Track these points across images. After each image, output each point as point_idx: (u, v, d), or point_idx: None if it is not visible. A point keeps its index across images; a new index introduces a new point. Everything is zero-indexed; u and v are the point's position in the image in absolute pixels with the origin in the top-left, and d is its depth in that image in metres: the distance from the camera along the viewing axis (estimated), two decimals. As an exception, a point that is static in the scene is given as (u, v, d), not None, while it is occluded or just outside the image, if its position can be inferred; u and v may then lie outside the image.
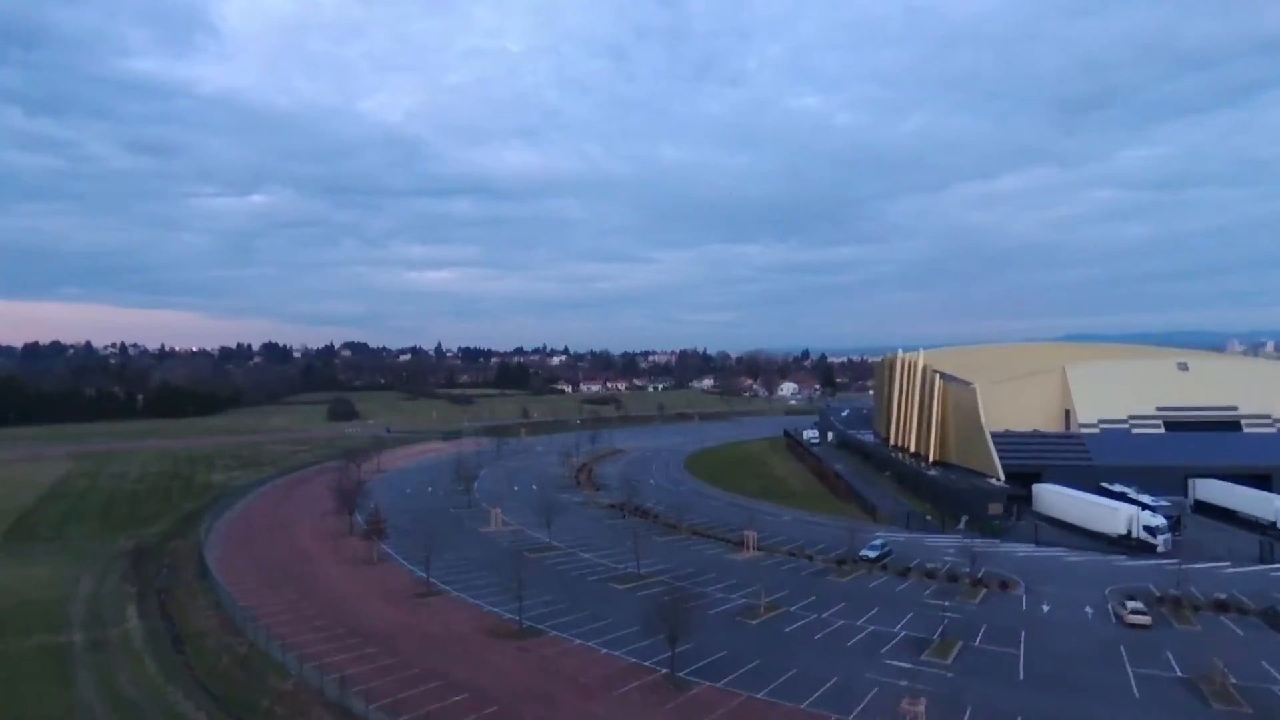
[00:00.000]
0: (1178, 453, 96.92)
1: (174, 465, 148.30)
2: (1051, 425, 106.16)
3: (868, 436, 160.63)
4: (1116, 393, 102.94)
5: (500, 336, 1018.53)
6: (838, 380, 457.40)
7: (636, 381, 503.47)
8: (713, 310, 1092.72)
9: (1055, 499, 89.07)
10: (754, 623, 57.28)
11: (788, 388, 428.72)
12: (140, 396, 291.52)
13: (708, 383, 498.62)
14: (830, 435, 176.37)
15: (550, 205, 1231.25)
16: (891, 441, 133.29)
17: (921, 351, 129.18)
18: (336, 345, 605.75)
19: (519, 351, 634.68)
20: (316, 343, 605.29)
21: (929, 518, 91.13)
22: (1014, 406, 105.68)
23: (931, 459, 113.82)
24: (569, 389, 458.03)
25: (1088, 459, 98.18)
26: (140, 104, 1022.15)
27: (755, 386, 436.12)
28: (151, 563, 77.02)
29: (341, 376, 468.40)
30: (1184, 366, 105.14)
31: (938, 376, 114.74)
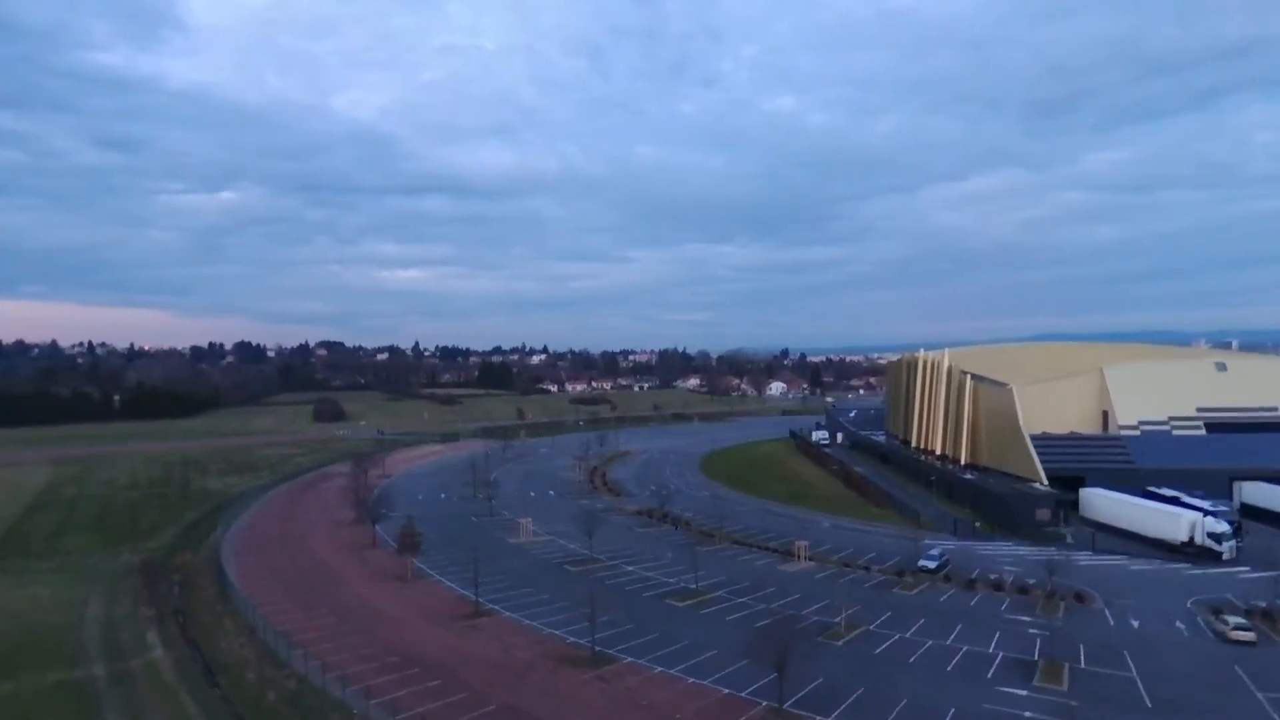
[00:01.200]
0: (1221, 455, 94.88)
1: (165, 471, 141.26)
2: (1088, 427, 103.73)
3: (878, 437, 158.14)
4: (1155, 394, 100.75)
5: (476, 336, 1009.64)
6: (825, 380, 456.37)
7: (622, 381, 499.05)
8: (690, 310, 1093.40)
9: (1107, 504, 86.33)
10: (839, 644, 53.37)
11: (776, 387, 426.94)
12: (116, 397, 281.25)
13: (692, 382, 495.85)
14: (839, 436, 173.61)
15: (526, 204, 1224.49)
16: (914, 443, 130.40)
17: (946, 352, 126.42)
18: (311, 344, 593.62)
19: (498, 350, 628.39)
20: (290, 341, 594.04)
21: (978, 524, 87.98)
22: (1049, 408, 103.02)
23: (963, 462, 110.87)
24: (555, 389, 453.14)
25: (1130, 462, 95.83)
26: (106, 98, 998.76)
27: (743, 386, 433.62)
28: (161, 580, 71.39)
29: (319, 376, 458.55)
30: (1222, 367, 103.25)
31: (968, 377, 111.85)
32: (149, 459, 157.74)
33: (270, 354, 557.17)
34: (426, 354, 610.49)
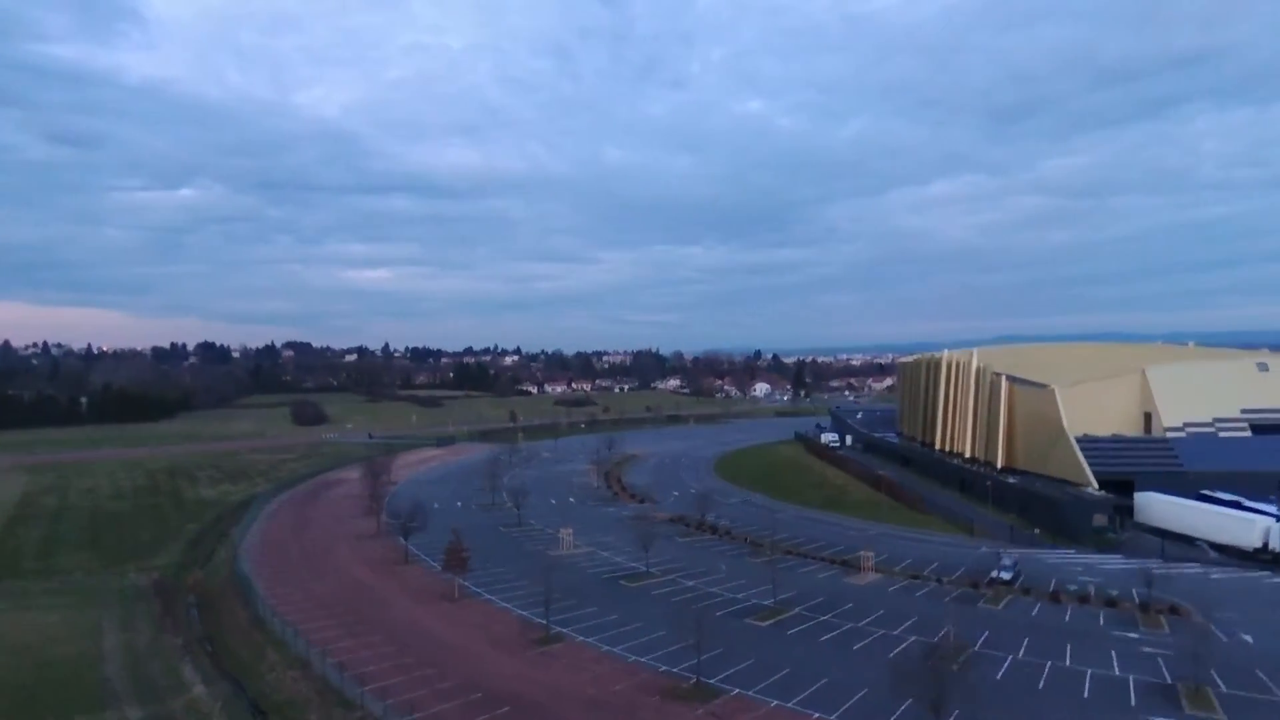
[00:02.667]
0: (1269, 457, 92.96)
1: (150, 479, 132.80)
2: (1130, 429, 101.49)
3: (891, 439, 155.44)
4: (1199, 395, 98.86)
5: (445, 336, 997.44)
6: (806, 381, 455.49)
7: (601, 382, 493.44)
8: (657, 311, 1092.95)
9: (1169, 509, 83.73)
10: (953, 668, 49.10)
11: (760, 389, 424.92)
12: (84, 400, 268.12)
13: (672, 384, 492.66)
14: (848, 439, 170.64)
15: (492, 204, 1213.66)
16: (938, 446, 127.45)
17: (973, 352, 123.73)
18: (277, 345, 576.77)
19: (469, 351, 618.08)
20: (254, 342, 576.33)
21: (1036, 531, 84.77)
22: (1090, 410, 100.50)
23: (999, 465, 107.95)
24: (535, 390, 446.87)
25: (1178, 465, 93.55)
26: (60, 92, 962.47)
27: (726, 387, 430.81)
28: (176, 603, 64.86)
29: (289, 378, 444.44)
30: (1264, 367, 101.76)
31: (1004, 379, 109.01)
32: (129, 466, 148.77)
33: (235, 355, 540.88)
34: (396, 355, 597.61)
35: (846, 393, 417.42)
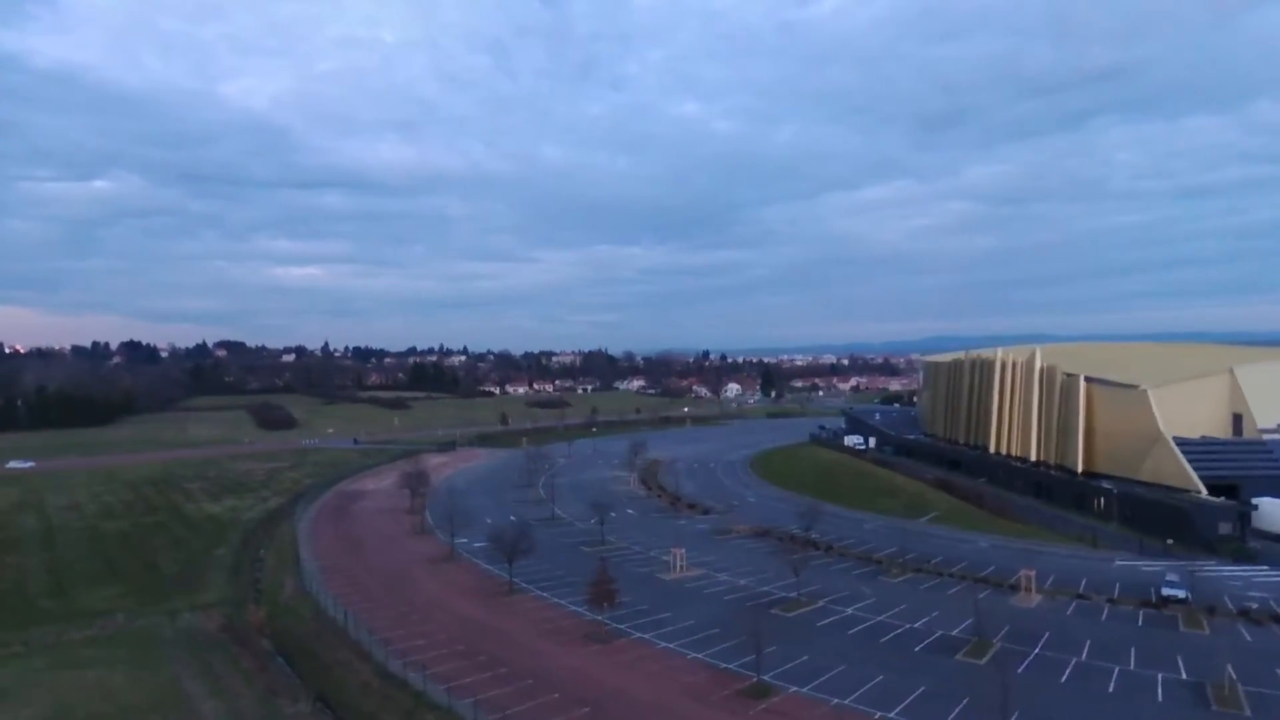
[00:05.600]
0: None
1: (134, 493, 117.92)
2: (1217, 431, 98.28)
3: (924, 441, 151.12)
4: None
5: (384, 336, 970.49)
6: (775, 380, 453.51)
7: (561, 383, 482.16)
8: (598, 311, 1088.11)
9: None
10: (1232, 712, 42.68)
11: (732, 389, 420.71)
12: (20, 402, 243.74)
13: (635, 384, 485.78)
14: (872, 440, 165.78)
15: (429, 201, 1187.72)
16: (995, 449, 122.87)
17: (1036, 349, 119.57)
18: (208, 344, 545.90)
19: (414, 351, 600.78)
20: (181, 341, 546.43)
21: (1170, 542, 79.93)
22: (1174, 411, 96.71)
23: (1079, 470, 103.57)
24: (496, 390, 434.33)
25: (1279, 467, 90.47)
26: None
27: (697, 388, 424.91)
28: (251, 648, 53.74)
29: (230, 379, 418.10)
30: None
31: (1081, 379, 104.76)
32: (102, 477, 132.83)
33: (164, 354, 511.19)
34: (337, 354, 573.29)
35: (821, 393, 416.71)
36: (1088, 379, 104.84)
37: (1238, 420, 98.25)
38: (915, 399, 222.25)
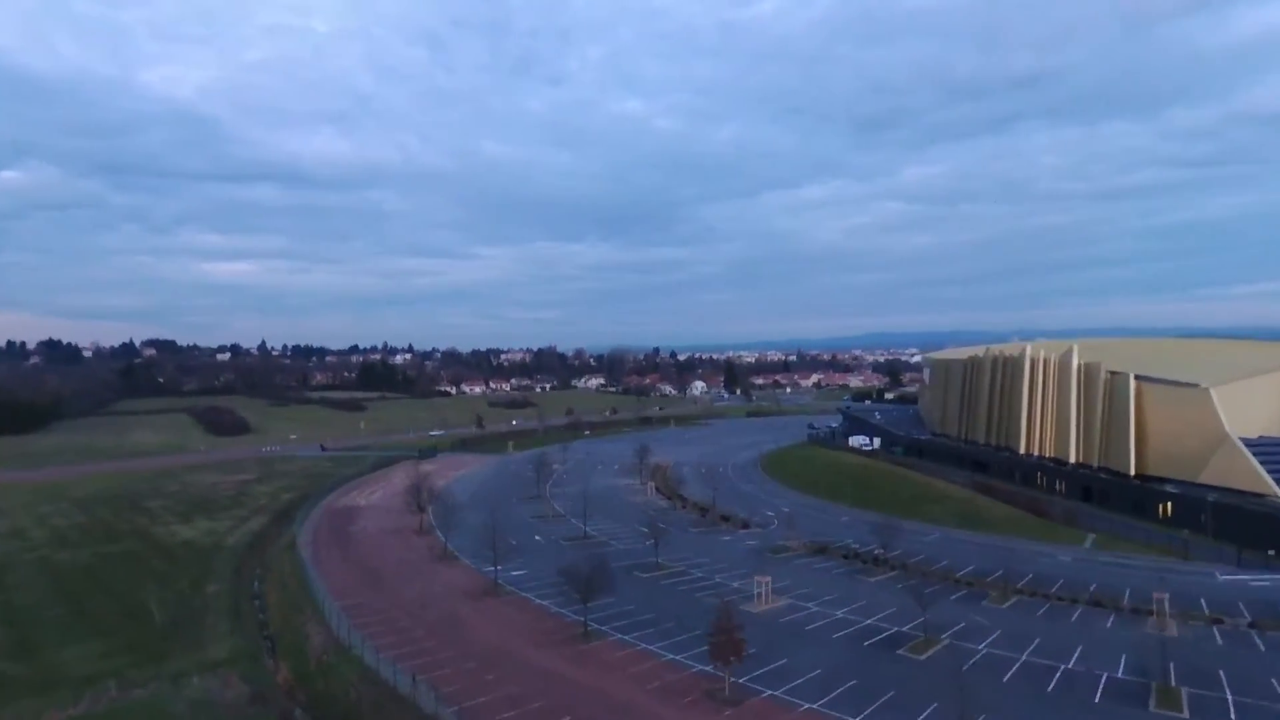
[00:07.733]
0: None
1: (87, 514, 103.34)
2: (1274, 430, 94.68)
3: (937, 442, 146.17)
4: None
5: (321, 333, 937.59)
6: (738, 377, 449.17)
7: (518, 381, 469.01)
8: (540, 308, 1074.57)
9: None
10: None
11: (698, 386, 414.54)
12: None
13: (593, 383, 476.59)
14: (876, 440, 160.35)
15: (365, 196, 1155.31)
16: (1025, 450, 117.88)
17: (1074, 345, 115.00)
18: (135, 343, 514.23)
19: (355, 349, 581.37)
20: (106, 340, 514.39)
21: (1271, 553, 74.98)
22: (1232, 410, 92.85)
23: (1132, 473, 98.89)
24: (452, 390, 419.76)
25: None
26: None
27: (663, 386, 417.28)
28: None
29: (164, 380, 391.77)
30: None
31: (1131, 377, 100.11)
32: (46, 495, 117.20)
33: (87, 354, 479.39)
34: (275, 353, 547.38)
35: (789, 390, 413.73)
36: (1138, 377, 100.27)
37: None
38: (916, 398, 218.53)
